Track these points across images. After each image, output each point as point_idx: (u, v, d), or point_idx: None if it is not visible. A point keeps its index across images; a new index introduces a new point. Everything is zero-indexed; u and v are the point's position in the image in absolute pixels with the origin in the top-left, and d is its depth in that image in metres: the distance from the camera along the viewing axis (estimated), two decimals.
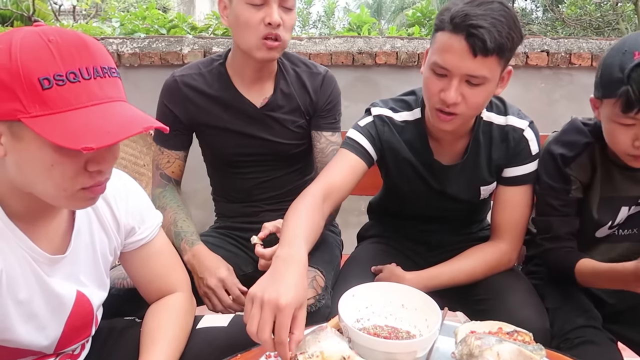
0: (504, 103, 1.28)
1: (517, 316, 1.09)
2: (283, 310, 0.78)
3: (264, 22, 1.22)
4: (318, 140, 1.44)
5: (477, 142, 1.26)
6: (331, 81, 1.43)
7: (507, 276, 1.26)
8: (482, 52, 1.03)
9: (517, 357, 0.80)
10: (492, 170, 1.28)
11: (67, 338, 0.92)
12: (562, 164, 1.19)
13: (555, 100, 2.75)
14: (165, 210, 1.34)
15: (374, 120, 1.30)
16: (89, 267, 0.93)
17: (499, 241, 1.28)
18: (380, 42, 2.72)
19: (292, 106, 1.41)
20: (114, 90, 0.73)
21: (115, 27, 3.19)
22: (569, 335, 1.09)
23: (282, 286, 0.81)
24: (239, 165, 1.45)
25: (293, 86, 1.41)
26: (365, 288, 0.99)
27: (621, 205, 1.18)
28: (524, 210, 1.26)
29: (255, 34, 1.24)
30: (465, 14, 1.03)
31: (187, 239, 1.31)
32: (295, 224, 1.01)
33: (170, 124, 1.34)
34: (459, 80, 1.08)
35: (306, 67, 1.44)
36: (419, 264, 1.36)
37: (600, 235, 1.24)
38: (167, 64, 2.65)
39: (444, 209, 1.38)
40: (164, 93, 1.39)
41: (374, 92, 2.67)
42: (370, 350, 0.82)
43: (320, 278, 1.25)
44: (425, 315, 0.94)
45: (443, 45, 1.07)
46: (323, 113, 1.43)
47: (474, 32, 1.02)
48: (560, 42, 2.72)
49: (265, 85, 1.39)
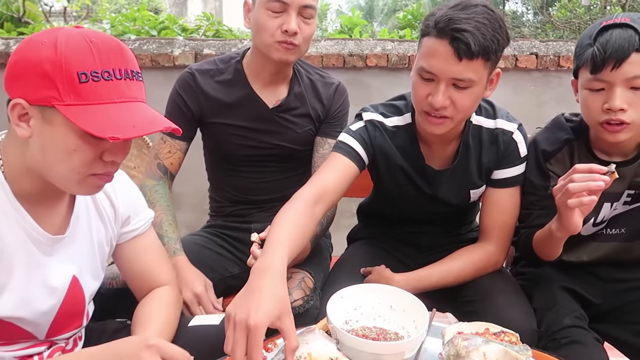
0: (493, 106, 1.30)
1: (504, 317, 1.09)
2: (253, 330, 0.77)
3: (281, 29, 1.26)
4: (322, 146, 1.45)
5: (467, 146, 1.27)
6: (343, 91, 1.49)
7: (494, 277, 1.27)
8: (467, 56, 1.04)
9: (503, 357, 0.81)
10: (482, 173, 1.29)
11: (59, 324, 0.94)
12: (543, 159, 1.21)
13: (544, 102, 2.77)
14: (155, 207, 1.34)
15: (366, 125, 1.30)
16: (85, 253, 0.97)
17: (487, 243, 1.29)
18: (371, 44, 2.73)
19: (303, 110, 1.43)
20: (139, 93, 0.83)
21: (106, 29, 3.18)
22: (555, 335, 1.10)
23: (253, 304, 0.80)
24: (242, 163, 1.46)
25: (306, 92, 1.44)
26: (354, 290, 0.99)
27: (603, 201, 1.19)
28: (512, 212, 1.28)
29: (272, 38, 1.27)
30: (448, 19, 1.04)
31: (169, 246, 1.30)
32: (279, 230, 1.00)
33: (180, 112, 1.39)
34: (445, 84, 1.09)
35: (320, 76, 1.48)
36: (409, 266, 1.37)
37: (585, 232, 1.25)
38: (158, 66, 2.64)
39: (434, 212, 1.39)
40: (180, 83, 1.41)
41: (365, 94, 2.68)
42: (358, 351, 0.83)
43: (309, 279, 1.26)
44: (413, 316, 0.94)
45: (429, 50, 1.09)
46: (332, 120, 1.46)
47: (458, 36, 1.03)
48: (548, 45, 2.75)
49: (280, 87, 1.42)
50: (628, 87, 1.03)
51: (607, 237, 1.25)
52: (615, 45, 1.01)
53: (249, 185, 1.48)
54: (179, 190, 1.61)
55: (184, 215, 2.84)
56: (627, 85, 1.03)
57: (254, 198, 1.48)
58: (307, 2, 1.26)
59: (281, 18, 1.26)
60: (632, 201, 1.20)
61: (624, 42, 1.01)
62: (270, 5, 1.25)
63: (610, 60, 1.02)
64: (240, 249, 1.47)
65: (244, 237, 1.33)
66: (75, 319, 0.98)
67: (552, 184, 1.19)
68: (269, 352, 0.89)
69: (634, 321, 1.18)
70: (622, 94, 1.03)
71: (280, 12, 1.25)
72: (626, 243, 1.24)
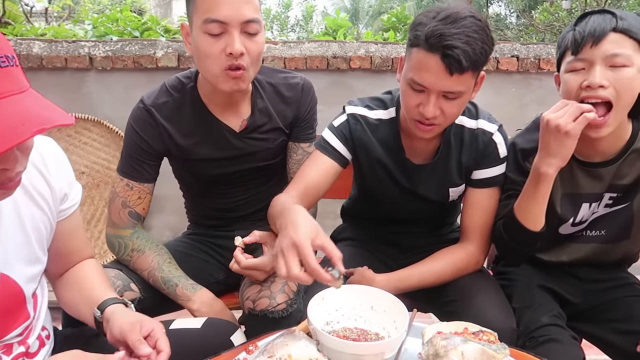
0: (476, 107, 1.32)
1: (484, 316, 1.11)
2: (300, 246, 0.88)
3: (225, 53, 1.12)
4: (295, 152, 1.40)
5: (449, 144, 1.29)
6: (309, 89, 1.39)
7: (475, 277, 1.29)
8: (458, 71, 1.06)
9: (480, 356, 0.82)
10: (461, 172, 1.31)
11: (1, 325, 0.88)
12: (522, 158, 1.23)
13: (525, 104, 2.81)
14: (144, 254, 1.27)
15: (348, 119, 1.32)
16: (16, 246, 0.89)
17: (468, 243, 1.30)
18: (355, 46, 2.74)
19: (271, 125, 1.35)
20: (6, 84, 0.66)
21: (87, 30, 3.14)
22: (533, 333, 1.11)
23: (291, 230, 0.92)
24: (217, 187, 1.40)
25: (271, 102, 1.34)
26: (335, 291, 0.99)
27: (582, 201, 1.22)
28: (491, 213, 1.29)
29: (218, 65, 1.14)
30: (440, 34, 1.05)
31: (184, 285, 1.25)
32: (283, 202, 1.14)
33: (143, 154, 1.28)
34: (436, 96, 1.11)
35: (283, 78, 1.37)
36: (390, 267, 1.38)
37: (564, 232, 1.27)
38: (141, 67, 2.62)
39: (415, 211, 1.40)
40: (138, 123, 1.28)
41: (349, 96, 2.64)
42: (339, 352, 0.83)
43: (292, 283, 1.26)
44: (393, 317, 0.95)
45: (419, 63, 1.10)
46: (302, 123, 1.39)
47: (450, 52, 1.05)
48: (529, 48, 2.79)
49: (242, 106, 1.32)
50: (608, 66, 1.05)
51: (588, 239, 1.27)
52: (594, 25, 1.06)
53: (228, 205, 1.43)
54: (161, 193, 1.59)
55: (167, 218, 2.82)
56: (606, 64, 1.05)
57: (234, 215, 1.44)
58: (249, 17, 1.11)
59: (223, 40, 1.12)
60: (613, 204, 1.22)
61: (602, 22, 1.06)
62: (208, 27, 1.11)
63: (589, 38, 1.06)
64: (224, 255, 1.44)
65: (228, 244, 1.31)
66: (19, 313, 0.91)
67: None
68: (250, 354, 0.89)
69: (612, 319, 1.20)
70: (602, 71, 1.05)
71: (221, 34, 1.11)
72: (606, 245, 1.26)
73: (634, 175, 1.17)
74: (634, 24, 1.05)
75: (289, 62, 2.66)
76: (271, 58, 2.67)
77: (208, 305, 1.23)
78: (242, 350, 0.92)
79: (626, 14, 1.07)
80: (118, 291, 1.18)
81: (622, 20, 1.05)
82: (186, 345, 0.99)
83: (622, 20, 1.05)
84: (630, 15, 1.07)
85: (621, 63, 1.04)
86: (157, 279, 1.25)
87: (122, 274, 1.24)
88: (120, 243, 1.28)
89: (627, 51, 1.04)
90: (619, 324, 1.16)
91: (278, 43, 2.74)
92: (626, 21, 1.05)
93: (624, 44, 1.04)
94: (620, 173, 1.17)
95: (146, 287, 1.26)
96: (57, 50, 2.65)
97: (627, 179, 1.17)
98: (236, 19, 1.10)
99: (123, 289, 1.21)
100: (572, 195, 1.22)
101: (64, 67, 2.65)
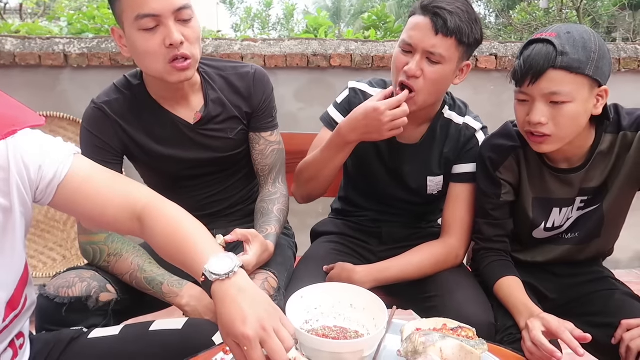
0: (466, 107, 1.39)
1: (463, 312, 1.13)
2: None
3: (164, 45, 1.12)
4: (257, 142, 1.39)
5: (434, 132, 1.35)
6: (262, 77, 1.37)
7: (454, 273, 1.30)
8: (442, 31, 1.16)
9: (458, 352, 0.82)
10: (441, 163, 1.35)
11: None
12: (492, 168, 1.24)
13: (503, 102, 2.84)
14: (122, 257, 1.23)
15: (349, 94, 1.41)
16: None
17: (448, 237, 1.33)
18: (335, 44, 2.74)
19: (227, 114, 1.34)
20: None
21: (63, 27, 3.08)
22: (511, 330, 1.12)
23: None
24: (184, 185, 1.38)
25: (223, 93, 1.34)
26: (314, 289, 0.99)
27: (552, 206, 1.23)
28: (471, 207, 1.32)
29: (161, 60, 1.14)
30: (433, 0, 1.17)
31: (169, 281, 1.22)
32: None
33: (101, 153, 1.25)
34: (420, 56, 1.19)
35: (233, 69, 1.36)
36: (370, 261, 1.40)
37: (538, 236, 1.29)
38: (118, 65, 2.58)
39: (396, 198, 1.44)
40: (91, 123, 1.26)
41: (329, 94, 2.68)
42: (318, 351, 0.83)
43: (272, 280, 1.24)
44: (373, 314, 0.95)
45: (411, 25, 1.21)
46: (260, 113, 1.37)
47: (439, 12, 1.16)
48: (507, 46, 2.82)
49: (193, 99, 1.31)
50: (547, 102, 1.05)
51: (563, 241, 1.29)
52: (533, 62, 1.04)
53: (197, 203, 1.40)
54: None
55: None
56: (546, 100, 1.05)
57: (205, 213, 1.41)
58: (180, 4, 1.12)
59: (159, 33, 1.11)
60: (585, 206, 1.23)
61: (541, 59, 1.03)
62: (141, 23, 1.10)
63: (527, 76, 1.05)
64: None
65: None
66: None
67: (504, 191, 1.24)
68: (228, 355, 0.88)
69: (587, 312, 1.22)
70: (541, 108, 1.06)
71: (156, 27, 1.11)
72: (580, 245, 1.28)
73: (601, 177, 1.19)
74: (576, 57, 1.01)
75: (268, 60, 2.64)
76: (251, 56, 2.64)
77: (197, 298, 1.20)
78: (219, 350, 0.91)
79: (573, 44, 1.02)
80: (94, 293, 1.15)
81: (563, 56, 1.01)
82: (167, 346, 0.97)
83: (562, 55, 1.01)
84: (576, 46, 1.02)
85: (561, 100, 1.04)
86: (140, 281, 1.22)
87: (98, 275, 1.22)
88: (95, 250, 1.24)
89: (566, 88, 1.02)
90: (594, 317, 1.18)
91: (258, 41, 2.71)
92: (567, 56, 1.01)
93: (564, 80, 1.02)
94: (588, 177, 1.19)
95: (123, 288, 1.24)
96: (30, 47, 2.59)
97: (594, 181, 1.19)
98: (167, 8, 1.10)
99: (99, 290, 1.18)
100: (542, 200, 1.24)
101: (38, 64, 2.58)
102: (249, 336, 0.72)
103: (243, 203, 1.49)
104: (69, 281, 1.15)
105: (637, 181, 1.18)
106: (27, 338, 0.96)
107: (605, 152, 1.16)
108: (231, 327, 0.74)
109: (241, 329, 0.73)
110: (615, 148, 1.16)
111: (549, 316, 1.03)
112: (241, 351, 0.74)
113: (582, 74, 1.02)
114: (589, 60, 1.02)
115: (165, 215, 0.90)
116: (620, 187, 1.19)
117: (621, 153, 1.16)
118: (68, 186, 0.87)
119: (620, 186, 1.18)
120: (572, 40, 1.03)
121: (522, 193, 1.25)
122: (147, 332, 1.00)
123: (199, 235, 0.87)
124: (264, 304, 0.77)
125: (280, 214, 1.35)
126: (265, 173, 1.41)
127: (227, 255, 0.82)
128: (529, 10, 10.06)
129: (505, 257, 1.27)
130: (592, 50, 1.02)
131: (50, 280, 1.17)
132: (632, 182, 1.18)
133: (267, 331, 0.73)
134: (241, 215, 1.49)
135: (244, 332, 0.72)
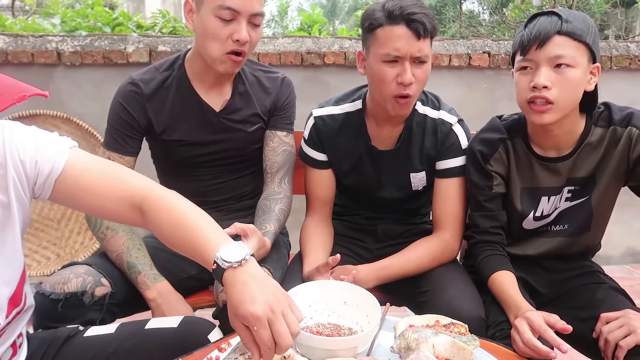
0: (439, 100, 1.40)
1: (455, 307, 1.14)
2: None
3: (232, 38, 1.23)
4: (271, 139, 1.46)
5: (411, 131, 1.36)
6: (289, 84, 1.48)
7: (447, 269, 1.32)
8: (424, 34, 1.19)
9: (450, 348, 0.83)
10: (422, 158, 1.37)
11: None
12: (482, 160, 1.27)
13: (497, 99, 2.86)
14: (118, 234, 1.28)
15: (315, 123, 1.42)
16: None
17: (441, 232, 1.35)
18: (329, 42, 2.74)
19: (250, 109, 1.42)
20: None
21: (56, 24, 3.06)
22: (502, 325, 1.14)
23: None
24: (194, 169, 1.44)
25: (252, 88, 1.42)
26: (308, 287, 1.00)
27: (541, 195, 1.26)
28: (461, 201, 1.35)
29: (222, 48, 1.24)
30: (400, 7, 1.18)
31: (146, 273, 1.26)
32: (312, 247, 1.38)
33: (126, 127, 1.34)
34: (409, 63, 1.21)
35: (264, 72, 1.47)
36: (367, 260, 1.41)
37: (528, 227, 1.30)
38: (111, 63, 2.57)
39: (385, 198, 1.45)
40: (123, 95, 1.35)
41: (324, 91, 2.69)
42: (312, 348, 0.84)
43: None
44: (366, 311, 0.96)
45: (388, 37, 1.20)
46: (280, 113, 1.45)
47: (414, 18, 1.17)
48: (500, 44, 2.84)
49: (225, 87, 1.40)
50: (552, 67, 1.11)
51: (553, 233, 1.31)
52: (540, 28, 1.11)
53: (203, 189, 1.46)
54: None
55: None
56: (551, 65, 1.10)
57: (209, 199, 1.46)
58: (258, 10, 1.25)
59: (231, 26, 1.23)
60: (572, 197, 1.25)
61: (548, 25, 1.11)
62: (220, 12, 1.21)
63: (535, 40, 1.11)
64: None
65: None
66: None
67: (495, 182, 1.26)
68: (222, 352, 0.89)
69: (573, 307, 1.23)
70: (547, 73, 1.10)
71: (231, 20, 1.22)
72: (570, 238, 1.30)
73: (589, 169, 1.21)
74: (579, 26, 1.10)
75: (262, 58, 2.64)
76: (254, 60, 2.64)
77: (164, 296, 1.25)
78: (214, 348, 0.91)
79: (574, 16, 1.11)
80: (89, 287, 1.18)
81: (567, 23, 1.09)
82: (163, 344, 0.97)
83: (567, 23, 1.09)
84: (577, 18, 1.11)
85: (565, 63, 1.09)
86: (122, 263, 1.27)
87: (92, 270, 1.23)
88: (96, 218, 1.30)
89: (570, 52, 1.09)
90: (579, 311, 1.19)
91: None
92: (571, 24, 1.09)
93: (568, 45, 1.09)
94: (576, 166, 1.22)
95: (117, 282, 1.25)
96: (23, 44, 2.57)
97: (582, 171, 1.22)
98: (247, 10, 1.23)
99: (94, 284, 1.19)
100: (530, 189, 1.26)
101: (31, 62, 2.57)
102: (259, 315, 0.73)
103: (243, 198, 1.52)
104: (64, 277, 1.17)
105: (623, 175, 1.21)
106: (24, 337, 0.97)
107: (595, 145, 1.20)
108: (240, 306, 0.74)
109: (251, 309, 0.73)
110: (605, 142, 1.19)
111: (533, 314, 1.04)
112: (249, 333, 0.75)
113: (583, 42, 1.10)
114: (589, 31, 1.11)
115: (169, 205, 0.89)
116: (608, 181, 1.21)
117: (610, 147, 1.19)
118: (66, 180, 0.87)
119: (608, 180, 1.21)
120: (572, 14, 1.13)
121: (510, 184, 1.28)
122: (142, 330, 1.01)
123: (207, 225, 0.87)
124: (275, 291, 0.78)
125: (280, 214, 1.38)
126: (273, 170, 1.45)
127: (237, 243, 0.82)
128: (522, 8, 10.08)
129: (501, 251, 1.28)
130: (590, 24, 1.12)
131: (47, 278, 1.19)
132: (619, 176, 1.21)
133: (276, 313, 0.74)
134: (239, 208, 1.51)
135: (253, 312, 0.73)
